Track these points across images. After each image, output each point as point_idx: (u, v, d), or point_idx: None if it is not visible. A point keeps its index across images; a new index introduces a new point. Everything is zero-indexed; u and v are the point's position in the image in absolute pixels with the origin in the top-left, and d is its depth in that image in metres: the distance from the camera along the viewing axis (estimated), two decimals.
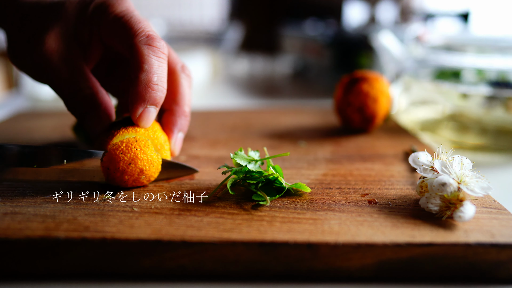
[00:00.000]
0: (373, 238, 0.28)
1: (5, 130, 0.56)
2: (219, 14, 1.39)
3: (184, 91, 0.41)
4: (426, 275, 0.28)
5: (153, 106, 0.36)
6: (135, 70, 0.35)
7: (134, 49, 0.35)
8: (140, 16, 0.37)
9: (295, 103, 0.85)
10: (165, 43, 0.37)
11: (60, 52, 0.37)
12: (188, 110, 0.41)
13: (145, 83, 0.35)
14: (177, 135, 0.40)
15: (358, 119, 0.52)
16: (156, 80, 0.35)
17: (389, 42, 0.70)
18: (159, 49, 0.36)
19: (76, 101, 0.37)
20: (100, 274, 0.29)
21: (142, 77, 0.35)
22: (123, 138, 0.35)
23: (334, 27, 1.16)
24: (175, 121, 0.40)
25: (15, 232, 0.29)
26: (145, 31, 0.36)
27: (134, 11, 0.37)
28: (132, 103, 0.35)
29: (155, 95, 0.35)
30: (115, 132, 0.35)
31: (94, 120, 0.37)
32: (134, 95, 0.35)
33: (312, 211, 0.32)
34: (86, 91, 0.37)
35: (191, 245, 0.28)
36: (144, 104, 0.35)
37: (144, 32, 0.36)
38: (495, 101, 0.52)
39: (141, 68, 0.35)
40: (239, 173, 0.35)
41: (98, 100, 0.37)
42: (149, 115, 0.36)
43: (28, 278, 0.29)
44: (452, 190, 0.30)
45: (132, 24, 0.36)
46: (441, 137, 0.55)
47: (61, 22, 0.37)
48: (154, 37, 0.36)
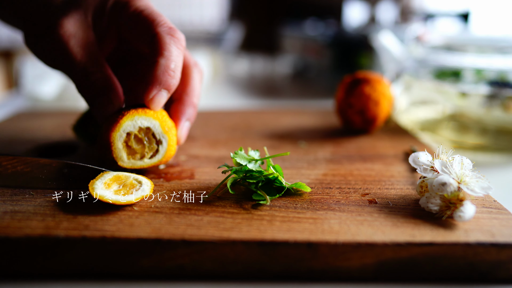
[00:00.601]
0: (373, 238, 0.28)
1: (5, 130, 0.55)
2: (219, 14, 1.39)
3: (195, 83, 0.43)
4: (426, 275, 0.28)
5: (166, 91, 0.37)
6: (155, 55, 0.37)
7: (156, 37, 0.37)
8: (158, 11, 0.39)
9: (295, 103, 0.85)
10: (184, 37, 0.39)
11: (77, 37, 0.38)
12: (196, 101, 0.43)
13: (164, 68, 0.36)
14: (184, 123, 0.41)
15: (359, 121, 0.52)
16: (173, 67, 0.37)
17: (389, 42, 0.70)
18: (179, 40, 0.38)
19: (88, 83, 0.38)
20: (99, 273, 0.29)
21: (162, 62, 0.37)
22: (133, 118, 0.36)
23: (334, 27, 1.16)
24: (184, 110, 0.41)
25: (15, 231, 0.29)
26: (167, 23, 0.38)
27: (151, 6, 0.40)
28: (147, 84, 0.36)
29: (170, 81, 0.37)
30: (125, 113, 0.36)
31: (105, 102, 0.38)
32: (151, 77, 0.36)
33: (312, 210, 0.32)
34: (99, 75, 0.38)
35: (191, 244, 0.28)
36: (159, 87, 0.36)
37: (166, 24, 0.38)
38: (495, 101, 0.52)
39: (161, 54, 0.37)
40: (239, 173, 0.35)
41: (110, 83, 0.38)
42: (161, 98, 0.37)
43: (27, 277, 0.29)
44: (452, 190, 0.30)
45: (154, 16, 0.38)
46: (441, 137, 0.55)
47: (80, 10, 0.39)
48: (175, 29, 0.38)
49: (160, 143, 0.38)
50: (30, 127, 0.57)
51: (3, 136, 0.52)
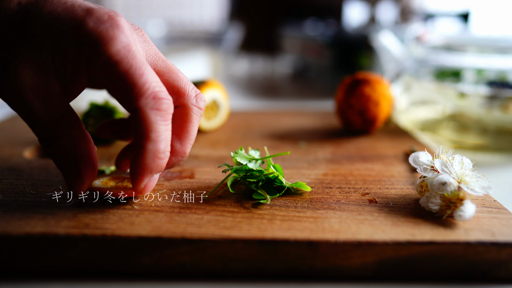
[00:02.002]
0: (373, 236, 0.28)
1: (5, 130, 0.55)
2: (219, 14, 1.39)
3: (192, 129, 0.35)
4: (426, 274, 0.28)
5: (158, 173, 0.32)
6: (141, 138, 0.29)
7: (139, 114, 0.29)
8: (140, 58, 0.30)
9: (295, 104, 0.85)
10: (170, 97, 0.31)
11: (35, 88, 0.29)
12: (188, 151, 0.35)
13: (153, 154, 0.30)
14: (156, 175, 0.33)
15: (359, 121, 0.52)
16: (163, 148, 0.30)
17: (389, 42, 0.70)
18: (166, 111, 0.30)
19: (53, 150, 0.31)
20: (99, 272, 0.29)
21: (150, 148, 0.29)
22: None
23: (334, 27, 1.16)
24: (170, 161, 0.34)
25: (14, 229, 0.29)
26: (151, 89, 0.29)
27: (132, 51, 0.30)
28: (136, 173, 0.30)
29: (162, 163, 0.31)
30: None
31: (73, 176, 0.31)
32: (140, 166, 0.30)
33: (312, 209, 0.32)
34: (66, 140, 0.30)
35: (191, 242, 0.28)
36: (151, 175, 0.31)
37: (149, 91, 0.29)
38: (495, 101, 0.52)
39: (148, 138, 0.29)
40: (239, 172, 0.35)
41: (79, 151, 0.31)
42: (153, 183, 0.32)
43: (27, 275, 0.29)
44: (452, 189, 0.30)
45: (134, 77, 0.29)
46: (441, 137, 0.55)
47: (35, 49, 0.29)
48: (160, 97, 0.29)
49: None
50: None
51: (3, 136, 0.52)
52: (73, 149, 0.31)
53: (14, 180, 0.37)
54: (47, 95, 0.30)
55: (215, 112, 0.55)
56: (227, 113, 0.57)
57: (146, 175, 0.30)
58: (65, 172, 0.31)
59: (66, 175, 0.31)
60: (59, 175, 0.39)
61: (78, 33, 0.29)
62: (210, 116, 0.54)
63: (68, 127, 0.30)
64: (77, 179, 0.31)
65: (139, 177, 0.30)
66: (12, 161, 0.43)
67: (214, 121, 0.55)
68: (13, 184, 0.36)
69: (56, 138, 0.30)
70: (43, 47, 0.29)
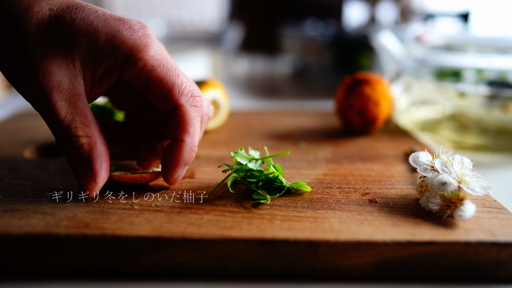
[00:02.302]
0: (373, 236, 0.28)
1: (5, 130, 0.55)
2: (219, 14, 1.39)
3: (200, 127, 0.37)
4: (426, 274, 0.28)
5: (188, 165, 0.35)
6: (180, 132, 0.33)
7: (180, 110, 0.32)
8: (172, 60, 0.33)
9: (295, 104, 0.85)
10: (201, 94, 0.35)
11: (62, 89, 0.30)
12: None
13: (190, 147, 0.33)
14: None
15: (359, 121, 0.52)
16: (197, 141, 0.34)
17: (389, 42, 0.70)
18: (201, 108, 0.34)
19: (70, 149, 0.32)
20: (99, 272, 0.29)
21: (188, 141, 0.33)
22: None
23: (334, 27, 1.16)
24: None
25: (15, 229, 0.29)
26: (188, 88, 0.33)
27: (164, 55, 0.33)
28: (172, 165, 0.33)
29: (194, 156, 0.34)
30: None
31: (86, 176, 0.32)
32: (176, 158, 0.33)
33: (312, 209, 0.32)
34: (84, 140, 0.31)
35: (191, 242, 0.28)
36: (184, 166, 0.34)
37: (187, 90, 0.33)
38: (495, 101, 0.52)
39: (187, 131, 0.33)
40: (239, 172, 0.35)
41: (96, 152, 0.32)
42: (183, 174, 0.35)
43: (27, 275, 0.29)
44: (452, 189, 0.30)
45: (172, 79, 0.32)
46: (441, 137, 0.55)
47: (66, 51, 0.31)
48: (196, 94, 0.33)
49: None
50: (30, 127, 0.57)
51: (3, 136, 0.52)
52: (90, 150, 0.32)
53: (14, 180, 0.37)
54: (72, 96, 0.31)
55: (215, 112, 0.55)
56: (227, 113, 0.57)
57: (181, 167, 0.34)
58: (80, 172, 0.32)
59: (81, 175, 0.32)
60: (59, 175, 0.39)
61: (113, 40, 0.31)
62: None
63: (87, 128, 0.32)
64: (91, 179, 0.32)
65: (174, 168, 0.33)
66: (12, 161, 0.43)
67: (214, 121, 0.55)
68: (13, 184, 0.36)
69: (75, 138, 0.31)
70: (74, 51, 0.31)
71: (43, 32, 0.30)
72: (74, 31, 0.31)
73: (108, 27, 0.31)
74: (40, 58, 0.30)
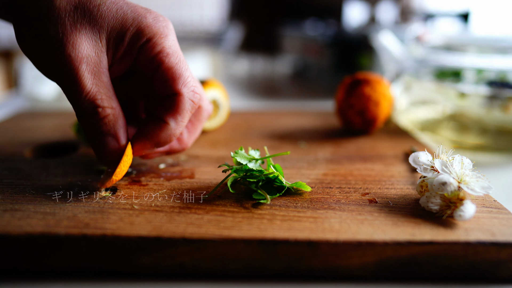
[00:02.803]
0: (373, 236, 0.28)
1: (5, 130, 0.55)
2: (219, 14, 1.39)
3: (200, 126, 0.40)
4: (426, 274, 0.28)
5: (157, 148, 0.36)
6: (168, 114, 0.34)
7: (178, 98, 0.34)
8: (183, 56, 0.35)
9: (295, 104, 0.85)
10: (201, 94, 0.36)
11: (89, 62, 0.32)
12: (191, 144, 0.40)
13: (170, 132, 0.34)
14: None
15: (359, 121, 0.52)
16: (178, 132, 0.35)
17: (389, 42, 0.70)
18: (196, 105, 0.35)
19: (96, 119, 0.33)
20: (99, 272, 0.29)
21: (171, 126, 0.34)
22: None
23: (334, 27, 1.16)
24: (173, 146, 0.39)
25: (15, 229, 0.29)
26: (192, 82, 0.35)
27: (179, 48, 0.35)
28: (145, 138, 0.35)
29: (168, 143, 0.35)
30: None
31: (110, 144, 0.34)
32: (153, 135, 0.34)
33: (312, 209, 0.32)
34: (109, 111, 0.33)
35: (191, 242, 0.28)
36: (155, 146, 0.35)
37: (191, 84, 0.35)
38: (495, 101, 0.52)
39: (175, 117, 0.34)
40: (239, 172, 0.35)
41: (120, 123, 0.34)
42: (152, 156, 0.38)
43: (27, 275, 0.29)
44: (452, 189, 0.30)
45: (181, 69, 0.34)
46: (441, 137, 0.55)
47: (95, 28, 0.33)
48: (197, 92, 0.35)
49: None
50: (30, 127, 0.57)
51: (3, 136, 0.52)
52: (115, 120, 0.34)
53: (14, 180, 0.37)
54: (98, 68, 0.33)
55: (215, 112, 0.55)
56: (227, 113, 0.57)
57: (152, 145, 0.35)
58: (104, 141, 0.34)
59: (101, 145, 0.34)
60: (59, 175, 0.39)
61: (139, 25, 0.33)
62: (210, 116, 0.54)
63: (110, 100, 0.33)
64: (115, 146, 0.34)
65: (145, 142, 0.34)
66: (12, 161, 0.43)
67: (214, 121, 0.55)
68: (13, 184, 0.36)
69: (101, 108, 0.33)
70: (103, 29, 0.33)
71: (74, 9, 0.32)
72: (104, 12, 0.33)
73: (136, 13, 0.34)
74: (70, 31, 0.32)
